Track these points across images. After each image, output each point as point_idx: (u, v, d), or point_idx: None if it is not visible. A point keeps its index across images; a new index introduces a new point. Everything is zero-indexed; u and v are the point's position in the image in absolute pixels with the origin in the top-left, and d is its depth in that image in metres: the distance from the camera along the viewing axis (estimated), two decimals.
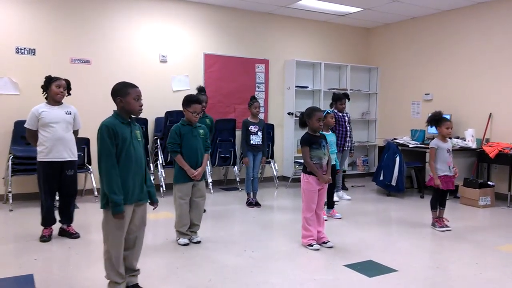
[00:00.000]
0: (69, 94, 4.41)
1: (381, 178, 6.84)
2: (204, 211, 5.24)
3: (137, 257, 3.03)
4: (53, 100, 4.26)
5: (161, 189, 6.45)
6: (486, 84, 6.88)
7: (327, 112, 5.19)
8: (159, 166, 6.46)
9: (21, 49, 5.96)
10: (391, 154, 6.81)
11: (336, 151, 5.47)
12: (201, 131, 4.21)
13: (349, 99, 6.40)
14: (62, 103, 4.33)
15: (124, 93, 2.85)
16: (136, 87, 2.92)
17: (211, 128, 5.62)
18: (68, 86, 4.37)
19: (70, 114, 4.33)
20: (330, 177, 4.18)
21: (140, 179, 2.93)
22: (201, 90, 5.65)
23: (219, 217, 5.37)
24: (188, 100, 4.12)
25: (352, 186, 7.64)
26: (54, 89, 4.22)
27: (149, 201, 3.05)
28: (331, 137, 5.25)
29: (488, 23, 6.85)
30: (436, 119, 4.85)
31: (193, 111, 4.09)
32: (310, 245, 4.09)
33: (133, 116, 2.94)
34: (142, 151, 2.97)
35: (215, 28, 7.40)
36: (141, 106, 2.92)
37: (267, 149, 6.47)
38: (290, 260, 3.81)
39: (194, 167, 4.11)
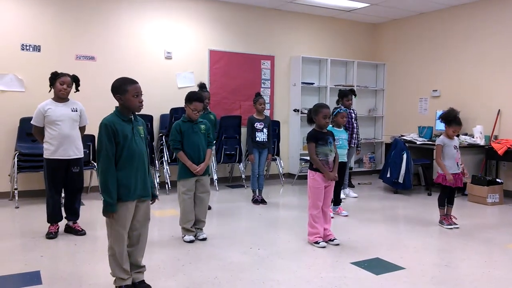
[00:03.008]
0: (77, 90, 4.39)
1: (388, 175, 6.79)
2: (210, 208, 5.25)
3: (141, 254, 3.03)
4: (58, 96, 4.25)
5: (167, 186, 6.44)
6: (494, 80, 6.80)
7: (338, 112, 5.12)
8: (164, 163, 6.45)
9: (26, 45, 5.96)
10: (398, 151, 6.75)
11: (347, 148, 5.41)
12: (202, 126, 4.20)
13: (355, 96, 6.34)
14: (68, 99, 4.32)
15: (122, 90, 2.83)
16: (135, 83, 2.88)
17: (215, 125, 5.60)
18: (76, 82, 4.36)
19: (76, 111, 4.33)
20: (336, 175, 4.14)
21: (143, 175, 2.92)
22: (202, 86, 5.62)
23: (225, 214, 5.36)
24: (190, 97, 4.13)
25: (359, 184, 7.60)
26: (58, 85, 4.22)
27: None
28: (343, 134, 5.19)
29: (496, 19, 6.76)
30: (449, 120, 4.80)
31: (193, 109, 4.08)
32: (317, 242, 4.06)
33: (135, 112, 2.92)
34: (144, 147, 2.96)
35: (221, 24, 7.37)
36: (141, 102, 2.89)
37: (272, 146, 6.44)
38: (296, 258, 3.79)
39: (197, 163, 4.10)
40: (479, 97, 7.00)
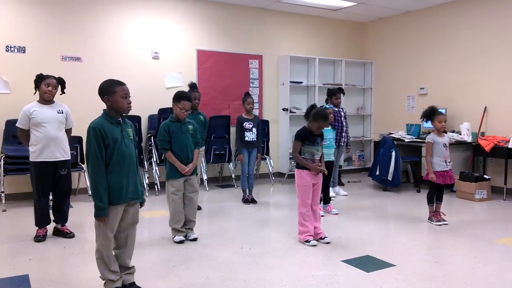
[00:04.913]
0: (63, 92, 4.34)
1: (377, 173, 6.83)
2: (200, 208, 5.23)
3: (130, 255, 3.00)
4: (43, 99, 4.19)
5: (156, 187, 6.41)
6: (481, 77, 6.87)
7: (325, 108, 5.14)
8: (153, 164, 6.41)
9: (11, 47, 5.87)
10: (387, 149, 6.80)
11: (334, 147, 5.44)
12: (190, 127, 4.18)
13: (344, 94, 6.37)
14: (53, 101, 4.26)
15: (110, 91, 2.80)
16: (123, 84, 2.86)
17: (205, 125, 5.58)
18: (62, 85, 4.31)
19: (62, 113, 4.28)
20: (324, 168, 4.14)
21: (133, 177, 2.90)
22: (193, 86, 5.59)
23: (215, 215, 5.34)
24: (179, 96, 4.10)
25: (349, 182, 7.63)
26: (43, 87, 4.16)
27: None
28: (330, 133, 5.21)
29: (482, 17, 6.83)
30: (429, 113, 4.86)
31: (181, 107, 4.06)
32: (307, 241, 4.07)
33: (123, 114, 2.89)
34: (134, 149, 2.94)
35: (208, 24, 7.34)
36: (130, 103, 2.86)
37: (262, 145, 6.43)
38: (288, 257, 3.79)
39: (185, 163, 4.09)
40: (466, 94, 7.07)
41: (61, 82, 4.31)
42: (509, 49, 6.51)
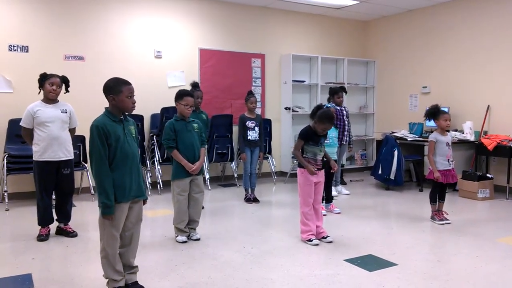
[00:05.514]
0: (67, 91, 4.35)
1: (380, 172, 6.82)
2: (203, 207, 5.22)
3: (134, 254, 3.01)
4: (47, 98, 4.20)
5: (158, 186, 6.41)
6: (484, 76, 6.85)
7: (327, 107, 5.14)
8: (156, 163, 6.41)
9: (14, 46, 5.89)
10: (389, 148, 6.79)
11: (337, 146, 5.44)
12: (195, 125, 4.18)
13: (346, 92, 6.36)
14: (58, 101, 4.27)
15: (116, 91, 2.80)
16: (129, 83, 2.87)
17: (207, 124, 5.59)
18: (66, 83, 4.32)
19: (66, 112, 4.28)
20: (316, 171, 4.11)
21: (136, 175, 2.90)
22: (195, 85, 5.59)
23: (218, 214, 5.34)
24: (180, 94, 4.12)
25: (351, 181, 7.62)
26: (47, 87, 4.17)
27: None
28: (332, 132, 5.21)
29: (485, 15, 6.81)
30: (433, 112, 4.84)
31: (185, 104, 4.06)
32: (310, 240, 4.07)
33: (127, 113, 2.90)
34: (137, 147, 2.94)
35: (211, 23, 7.34)
36: (134, 103, 2.88)
37: (264, 144, 6.43)
38: (290, 256, 3.79)
39: (192, 162, 4.08)
40: (469, 93, 7.05)
41: (65, 80, 4.31)
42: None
